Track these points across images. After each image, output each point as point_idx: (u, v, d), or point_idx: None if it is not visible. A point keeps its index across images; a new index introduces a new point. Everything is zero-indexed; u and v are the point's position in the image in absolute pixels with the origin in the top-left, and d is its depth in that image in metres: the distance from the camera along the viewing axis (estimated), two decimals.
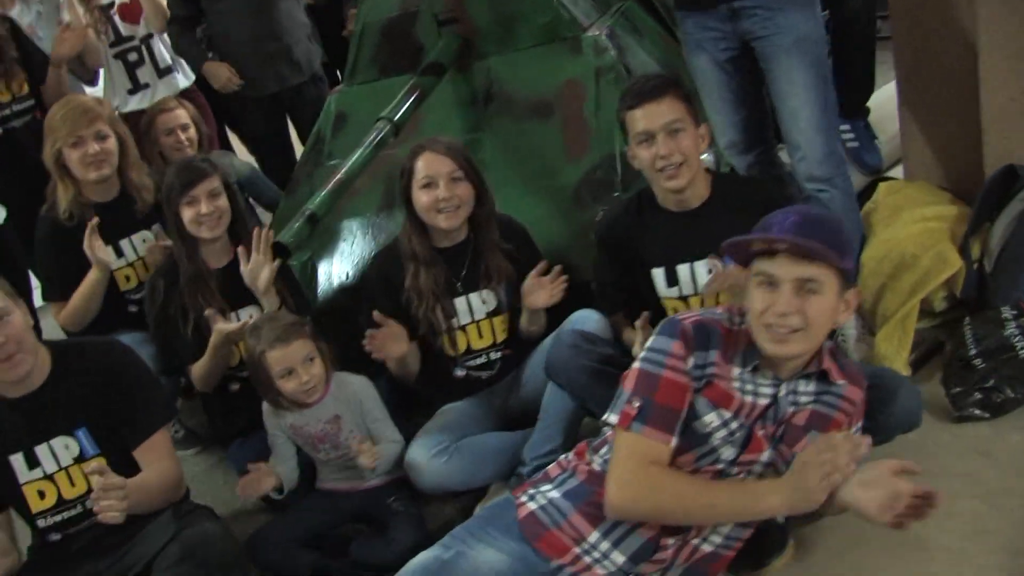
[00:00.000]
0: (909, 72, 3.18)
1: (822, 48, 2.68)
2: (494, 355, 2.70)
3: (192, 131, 3.71)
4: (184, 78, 4.14)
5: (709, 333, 1.88)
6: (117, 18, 4.00)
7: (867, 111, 3.76)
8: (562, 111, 3.11)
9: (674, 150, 2.33)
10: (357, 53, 3.49)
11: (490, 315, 2.68)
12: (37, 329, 2.38)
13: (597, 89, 3.08)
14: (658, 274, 2.49)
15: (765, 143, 2.90)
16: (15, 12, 3.91)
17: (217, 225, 2.77)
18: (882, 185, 3.17)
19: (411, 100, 3.01)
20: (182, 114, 3.70)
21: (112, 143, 3.08)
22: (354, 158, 2.82)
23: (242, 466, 2.66)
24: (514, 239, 2.70)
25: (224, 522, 2.41)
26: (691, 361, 1.85)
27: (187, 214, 2.74)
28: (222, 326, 2.69)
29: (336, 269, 3.22)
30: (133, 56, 4.05)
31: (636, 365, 1.89)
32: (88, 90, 4.15)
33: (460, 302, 2.66)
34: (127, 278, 3.18)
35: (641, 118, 2.36)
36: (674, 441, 1.83)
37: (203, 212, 2.73)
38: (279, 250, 2.56)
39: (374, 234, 3.18)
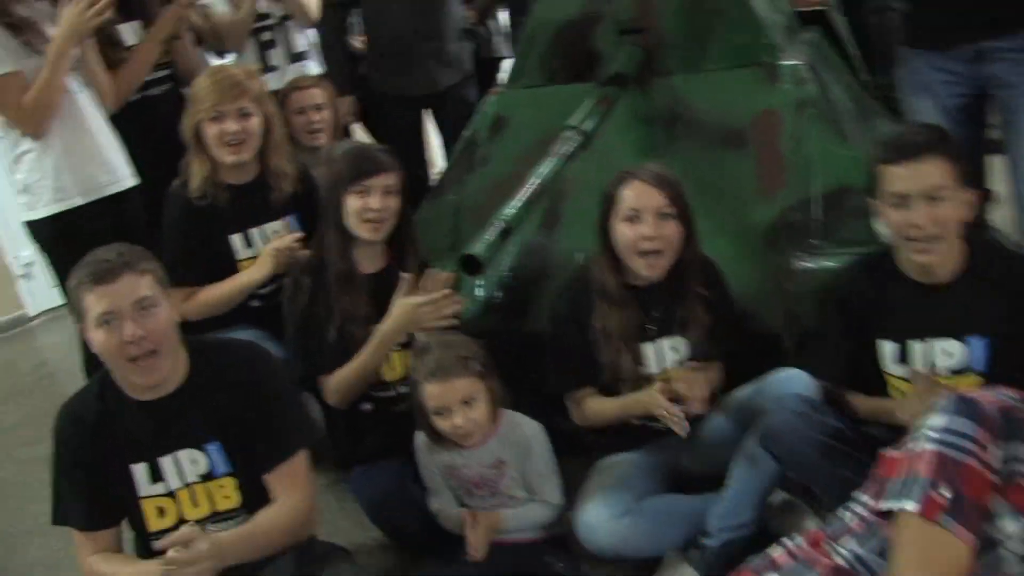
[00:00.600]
0: None
1: None
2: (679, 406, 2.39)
3: (327, 113, 3.45)
4: (317, 67, 3.87)
5: (1016, 422, 1.56)
6: None
7: None
8: (756, 143, 2.79)
9: (931, 221, 1.98)
10: (525, 54, 3.21)
11: (680, 365, 2.36)
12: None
13: (797, 123, 2.77)
14: (888, 347, 2.14)
15: None
16: None
17: (381, 228, 2.49)
18: None
19: (599, 111, 2.71)
20: (317, 94, 3.44)
21: (255, 123, 2.82)
22: (543, 168, 2.51)
23: (366, 497, 2.40)
24: (714, 286, 2.38)
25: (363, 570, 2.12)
26: (997, 452, 1.53)
27: (352, 205, 2.46)
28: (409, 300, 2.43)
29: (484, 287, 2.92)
30: (267, 35, 3.78)
31: (928, 447, 1.56)
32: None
33: (649, 348, 2.35)
34: None
35: (899, 177, 2.00)
36: (976, 546, 1.51)
37: (372, 207, 2.44)
38: (470, 264, 2.26)
39: (530, 254, 2.87)
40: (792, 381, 2.23)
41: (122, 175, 3.08)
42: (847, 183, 2.62)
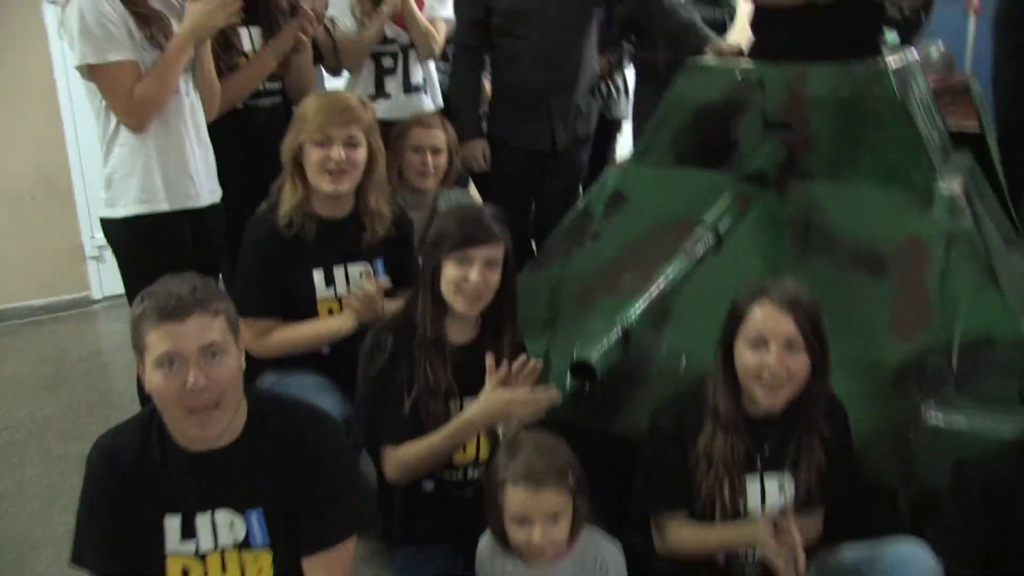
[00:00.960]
0: None
1: None
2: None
3: (443, 158, 3.25)
4: (431, 102, 3.68)
5: None
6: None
7: None
8: (898, 273, 2.52)
9: None
10: (656, 130, 2.99)
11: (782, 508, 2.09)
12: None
13: (946, 258, 2.50)
14: None
15: None
16: None
17: (478, 303, 2.27)
18: None
19: (736, 210, 2.48)
20: (440, 136, 3.25)
21: (361, 155, 2.63)
22: (671, 268, 2.27)
23: None
24: (837, 430, 2.13)
25: None
26: None
27: (450, 273, 2.25)
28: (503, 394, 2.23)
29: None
30: (388, 62, 3.60)
31: None
32: (329, 83, 3.73)
33: (754, 483, 2.09)
34: (329, 311, 2.71)
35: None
36: None
37: (471, 279, 2.23)
38: (584, 371, 2.02)
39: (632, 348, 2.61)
40: (913, 563, 1.95)
41: (210, 189, 2.90)
42: (993, 333, 2.35)
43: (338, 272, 2.71)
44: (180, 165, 2.80)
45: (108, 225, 2.83)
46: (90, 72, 2.66)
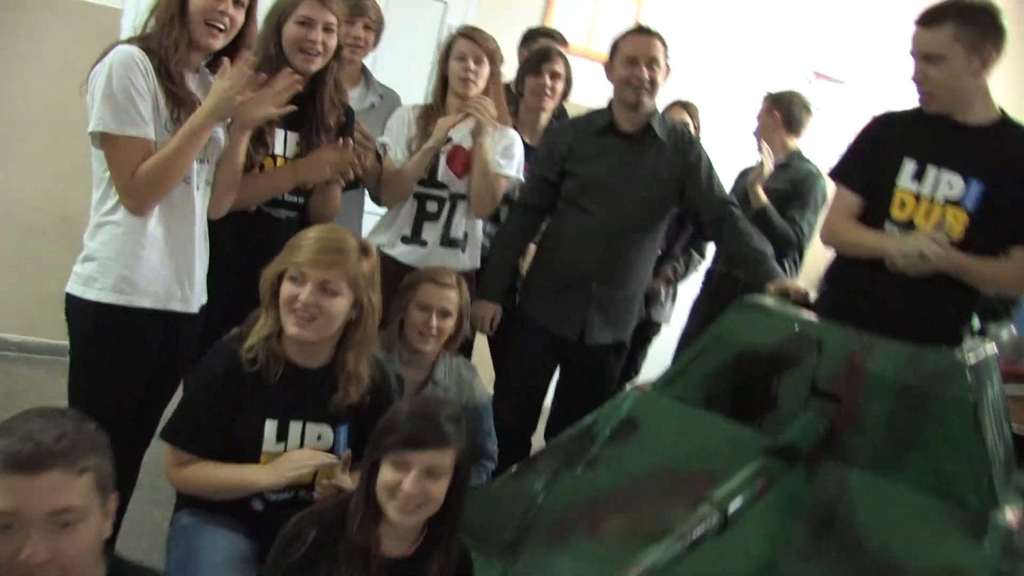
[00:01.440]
0: None
1: None
2: None
3: (451, 322, 2.92)
4: (468, 261, 3.38)
5: None
6: (443, 158, 3.30)
7: None
8: None
9: None
10: (691, 361, 2.65)
11: None
12: None
13: None
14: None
15: None
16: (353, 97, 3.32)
17: (412, 513, 1.92)
18: None
19: (752, 492, 2.10)
20: (452, 298, 2.93)
21: (338, 305, 2.29)
22: (659, 551, 1.88)
23: None
24: None
25: None
26: None
27: (385, 476, 1.92)
28: None
29: None
30: (432, 206, 3.31)
31: None
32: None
33: None
34: None
35: None
36: None
37: (403, 488, 1.89)
38: None
39: None
40: None
41: (196, 295, 2.62)
42: None
43: (294, 428, 2.35)
44: (176, 263, 2.52)
45: (74, 302, 2.52)
46: (102, 140, 2.41)
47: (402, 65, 4.36)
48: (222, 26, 2.47)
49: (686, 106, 4.06)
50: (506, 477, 2.62)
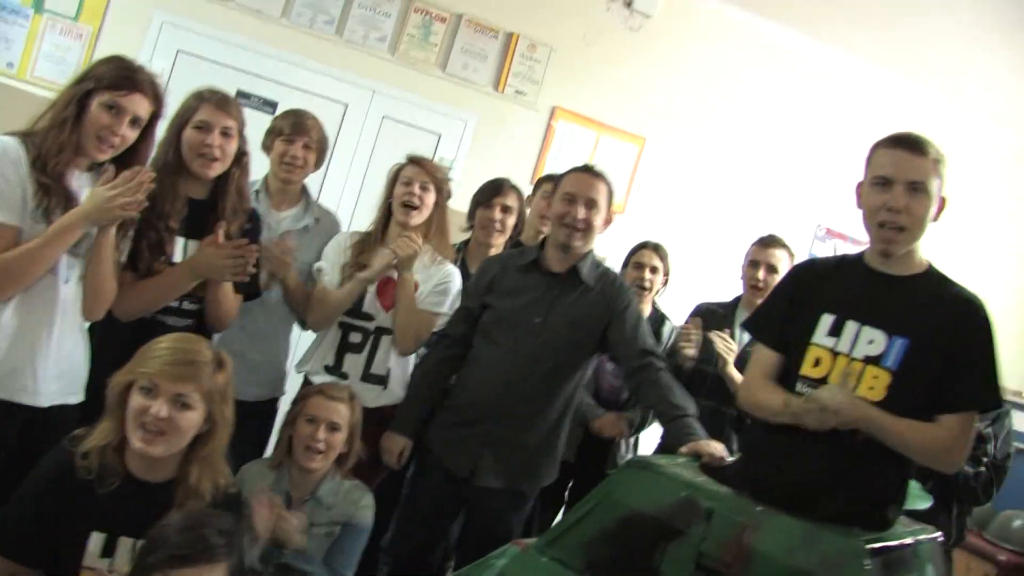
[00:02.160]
0: None
1: None
2: None
3: (340, 436, 2.74)
4: (388, 397, 3.19)
5: None
6: (372, 290, 3.18)
7: None
8: None
9: None
10: (575, 522, 2.35)
11: None
12: None
13: None
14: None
15: None
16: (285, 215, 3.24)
17: None
18: None
19: None
20: (342, 410, 2.78)
21: (190, 420, 2.18)
22: None
23: None
24: None
25: None
26: None
27: None
28: None
29: None
30: (356, 337, 3.17)
31: None
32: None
33: None
34: None
35: None
36: None
37: None
38: None
39: None
40: None
41: (61, 390, 2.51)
42: None
43: (124, 544, 2.18)
44: (25, 353, 2.42)
45: None
46: None
47: None
48: (113, 143, 2.46)
49: (656, 248, 3.84)
50: None
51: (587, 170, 3.08)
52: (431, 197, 3.19)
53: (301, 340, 3.48)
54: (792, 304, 2.38)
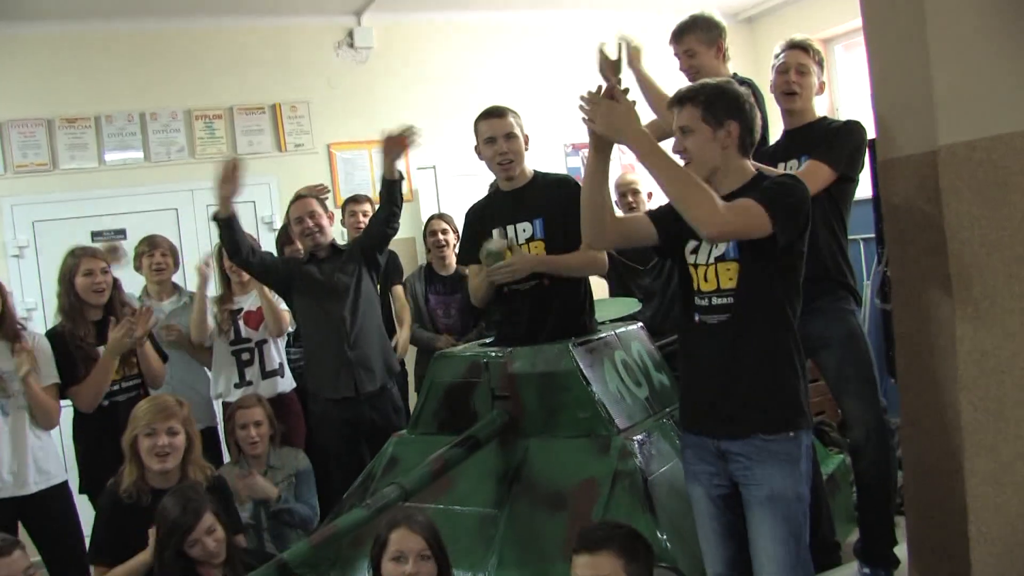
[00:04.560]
0: None
1: (796, 507, 2.71)
2: None
3: (264, 428, 4.14)
4: (286, 383, 4.67)
5: None
6: (241, 322, 4.63)
7: (894, 560, 3.68)
8: (573, 508, 3.21)
9: None
10: (422, 406, 3.80)
11: None
12: None
13: (610, 493, 3.18)
14: None
15: None
16: (167, 303, 4.61)
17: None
18: None
19: (429, 471, 3.23)
20: (257, 412, 4.16)
21: (181, 440, 3.52)
22: (354, 516, 3.04)
23: None
24: None
25: None
26: None
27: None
28: None
29: None
30: (246, 356, 4.64)
31: None
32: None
33: None
34: None
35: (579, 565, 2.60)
36: None
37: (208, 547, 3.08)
38: None
39: None
40: None
41: (32, 478, 3.84)
42: None
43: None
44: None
45: None
46: None
47: None
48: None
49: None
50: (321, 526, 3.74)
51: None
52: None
53: None
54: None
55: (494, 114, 3.64)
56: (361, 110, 6.69)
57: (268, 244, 5.33)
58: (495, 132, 3.61)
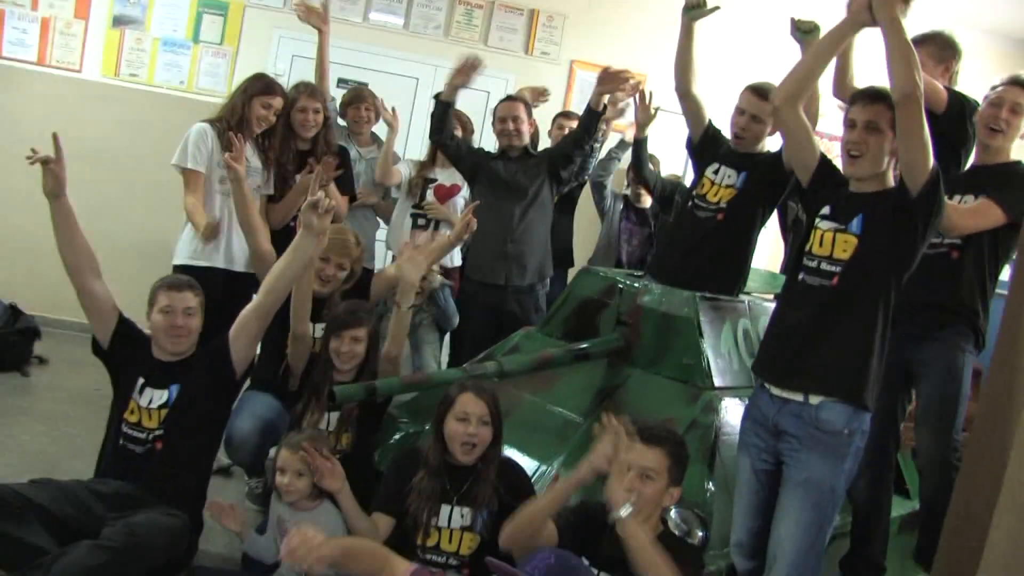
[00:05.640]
0: None
1: (828, 498, 2.89)
2: (453, 562, 3.14)
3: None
4: (449, 259, 5.03)
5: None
6: (431, 191, 5.04)
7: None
8: None
9: (639, 488, 2.77)
10: (557, 310, 4.15)
11: (463, 529, 3.14)
12: None
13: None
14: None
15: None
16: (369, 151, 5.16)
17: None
18: None
19: (530, 361, 3.59)
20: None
21: (342, 276, 3.95)
22: (449, 373, 3.44)
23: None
24: (509, 478, 3.21)
25: None
26: None
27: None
28: None
29: None
30: (422, 221, 5.07)
31: None
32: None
33: (445, 508, 3.15)
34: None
35: (632, 451, 2.83)
36: None
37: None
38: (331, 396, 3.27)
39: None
40: None
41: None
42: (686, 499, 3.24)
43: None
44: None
45: None
46: None
47: None
48: (263, 126, 4.38)
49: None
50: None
51: (509, 99, 4.91)
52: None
53: None
54: None
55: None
56: (613, 35, 6.96)
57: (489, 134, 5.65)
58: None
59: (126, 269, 4.72)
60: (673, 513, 3.03)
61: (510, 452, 3.38)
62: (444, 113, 4.74)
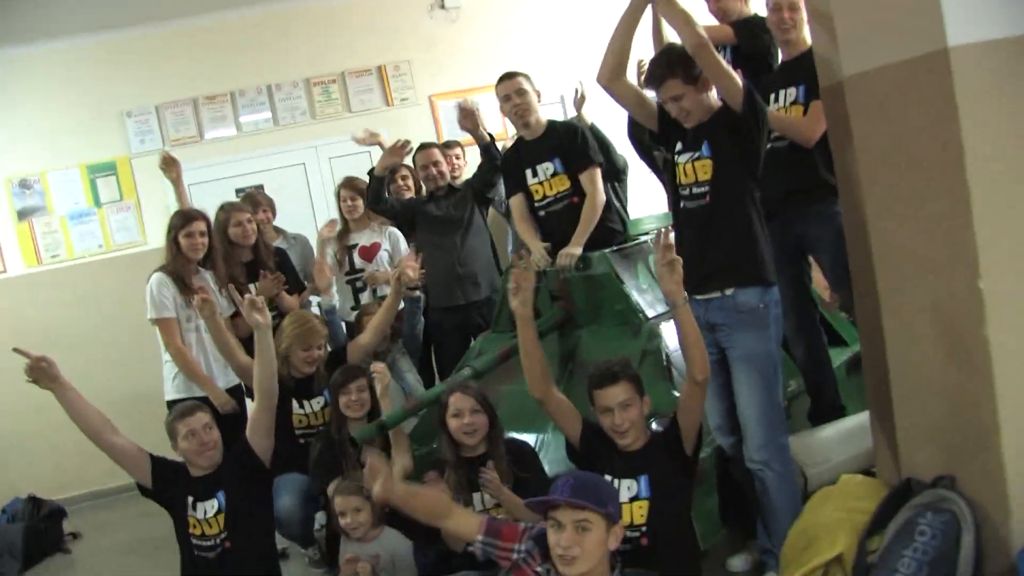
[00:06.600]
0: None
1: (767, 361, 3.52)
2: None
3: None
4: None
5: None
6: (356, 255, 5.58)
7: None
8: None
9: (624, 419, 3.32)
10: (500, 310, 4.76)
11: (495, 507, 3.66)
12: None
13: (639, 366, 4.02)
14: None
15: None
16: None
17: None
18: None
19: (495, 356, 4.19)
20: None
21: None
22: (434, 390, 4.03)
23: None
24: (516, 457, 3.77)
25: None
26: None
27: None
28: None
29: None
30: (359, 283, 5.60)
31: None
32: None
33: (476, 496, 3.70)
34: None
35: (605, 396, 3.34)
36: None
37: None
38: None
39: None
40: None
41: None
42: (658, 408, 3.81)
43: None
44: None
45: None
46: None
47: None
48: (199, 254, 4.83)
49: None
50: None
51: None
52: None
53: None
54: None
55: (505, 78, 4.61)
56: (455, 62, 7.60)
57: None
58: (508, 91, 4.57)
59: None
60: (654, 424, 3.63)
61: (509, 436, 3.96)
62: (379, 186, 5.37)
